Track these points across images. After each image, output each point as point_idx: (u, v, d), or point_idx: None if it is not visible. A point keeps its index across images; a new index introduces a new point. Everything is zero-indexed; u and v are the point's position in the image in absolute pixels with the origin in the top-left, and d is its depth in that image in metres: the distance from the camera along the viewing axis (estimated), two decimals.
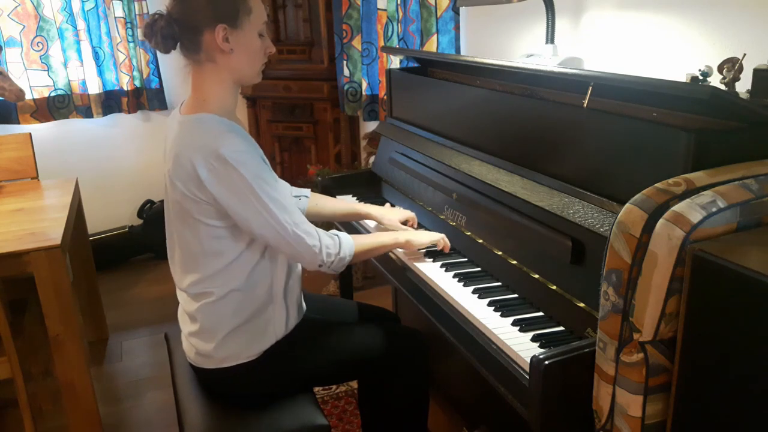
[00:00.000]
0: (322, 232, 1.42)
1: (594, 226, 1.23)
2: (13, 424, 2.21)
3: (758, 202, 0.97)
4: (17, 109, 3.32)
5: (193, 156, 1.30)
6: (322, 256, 1.40)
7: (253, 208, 1.32)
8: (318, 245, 1.39)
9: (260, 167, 1.34)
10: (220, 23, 1.32)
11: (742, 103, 1.12)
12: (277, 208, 1.34)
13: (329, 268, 1.43)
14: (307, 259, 1.41)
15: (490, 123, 1.66)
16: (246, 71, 1.40)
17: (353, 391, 2.33)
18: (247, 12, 1.35)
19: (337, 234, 1.46)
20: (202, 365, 1.49)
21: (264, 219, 1.33)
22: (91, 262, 2.79)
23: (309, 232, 1.38)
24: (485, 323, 1.30)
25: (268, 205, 1.32)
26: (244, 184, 1.30)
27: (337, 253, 1.43)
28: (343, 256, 1.44)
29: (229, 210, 1.33)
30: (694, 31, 1.63)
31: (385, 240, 1.59)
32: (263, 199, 1.32)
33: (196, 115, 1.37)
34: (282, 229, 1.35)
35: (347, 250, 1.45)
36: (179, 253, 1.46)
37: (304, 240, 1.37)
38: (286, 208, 1.36)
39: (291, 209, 1.37)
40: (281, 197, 1.36)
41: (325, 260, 1.41)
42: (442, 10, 2.63)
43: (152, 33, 1.34)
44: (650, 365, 0.98)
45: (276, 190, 1.36)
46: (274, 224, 1.34)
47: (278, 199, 1.35)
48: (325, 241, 1.41)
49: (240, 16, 1.34)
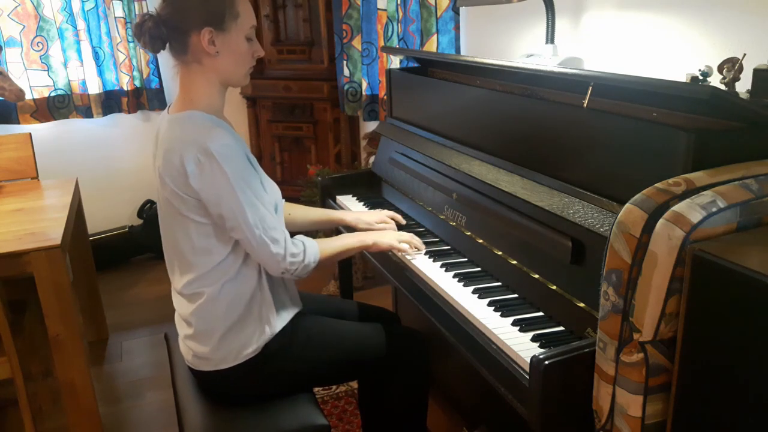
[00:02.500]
0: (289, 240, 1.42)
1: (594, 226, 1.23)
2: (13, 424, 2.21)
3: (758, 202, 0.97)
4: (17, 109, 3.32)
5: (182, 151, 1.32)
6: (285, 264, 1.40)
7: (228, 206, 1.33)
8: (282, 253, 1.39)
9: (244, 166, 1.35)
10: (206, 26, 1.34)
11: (742, 103, 1.12)
12: (250, 210, 1.34)
13: (292, 275, 1.43)
14: (270, 266, 1.41)
15: (490, 123, 1.66)
16: (232, 73, 1.42)
17: (353, 391, 2.33)
18: (234, 16, 1.37)
19: (303, 240, 1.46)
20: (200, 368, 1.49)
21: (236, 219, 1.34)
22: (91, 262, 2.79)
23: (276, 239, 1.38)
24: (485, 323, 1.30)
25: (242, 206, 1.33)
26: (224, 181, 1.31)
27: (301, 260, 1.42)
28: (307, 263, 1.44)
29: (208, 205, 1.35)
30: (694, 31, 1.63)
31: (350, 242, 1.58)
32: (240, 198, 1.33)
33: (184, 112, 1.39)
34: (249, 232, 1.35)
35: (312, 257, 1.45)
36: (172, 252, 1.46)
37: (269, 247, 1.37)
38: (259, 212, 1.36)
39: (263, 213, 1.37)
40: (258, 200, 1.37)
41: (289, 268, 1.41)
42: (442, 10, 2.63)
43: (141, 33, 1.36)
44: (650, 365, 0.98)
45: (255, 193, 1.36)
46: (244, 226, 1.35)
47: (254, 201, 1.35)
48: (290, 249, 1.40)
49: (226, 20, 1.36)
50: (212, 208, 1.35)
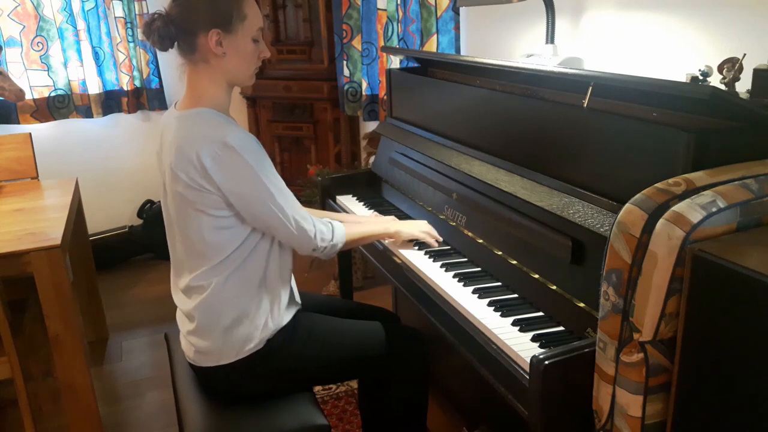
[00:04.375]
0: (317, 219, 1.49)
1: (594, 226, 1.23)
2: (13, 424, 2.21)
3: (758, 202, 0.97)
4: (17, 109, 3.32)
5: (198, 146, 1.33)
6: (317, 242, 1.47)
7: (257, 193, 1.37)
8: (314, 230, 1.46)
9: (264, 155, 1.40)
10: (213, 28, 1.36)
11: (742, 103, 1.12)
12: (279, 195, 1.40)
13: (322, 253, 1.50)
14: (303, 245, 1.47)
15: (490, 123, 1.66)
16: (238, 74, 1.44)
17: (353, 391, 2.33)
18: (242, 18, 1.39)
19: (330, 221, 1.53)
20: (201, 363, 1.49)
21: (267, 205, 1.38)
22: (91, 262, 2.79)
23: (306, 218, 1.45)
24: (485, 323, 1.30)
25: (270, 191, 1.38)
26: (249, 170, 1.35)
27: (330, 239, 1.50)
28: (335, 242, 1.51)
29: (232, 197, 1.37)
30: (694, 31, 1.63)
31: (374, 229, 1.68)
32: (267, 185, 1.37)
33: (194, 109, 1.40)
34: (284, 214, 1.40)
35: (339, 237, 1.52)
36: (180, 247, 1.46)
37: (301, 223, 1.43)
38: (286, 196, 1.42)
39: (291, 197, 1.44)
40: (282, 185, 1.42)
41: (319, 245, 1.48)
42: (442, 10, 2.63)
43: (150, 32, 1.38)
44: (650, 365, 0.98)
45: (277, 177, 1.42)
46: (277, 210, 1.39)
47: (281, 186, 1.41)
48: (319, 227, 1.48)
49: (234, 21, 1.38)
50: (235, 199, 1.37)
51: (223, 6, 1.37)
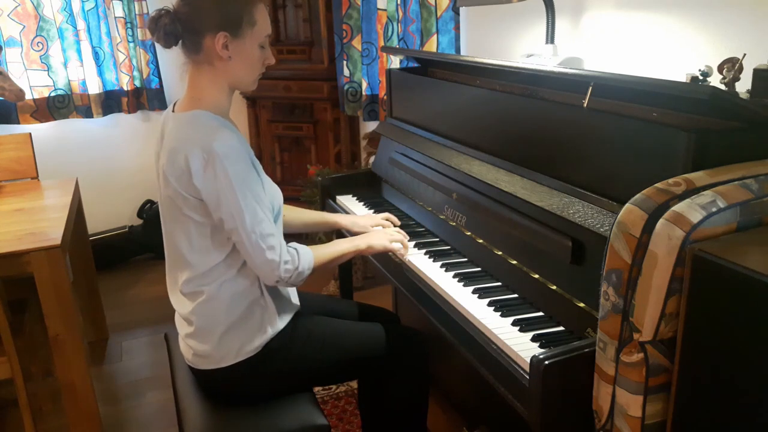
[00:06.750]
0: (284, 248, 1.40)
1: (594, 226, 1.23)
2: (13, 424, 2.21)
3: (758, 202, 0.97)
4: (17, 109, 3.32)
5: (187, 150, 1.32)
6: (279, 272, 1.38)
7: (228, 207, 1.33)
8: (277, 260, 1.37)
9: (247, 169, 1.35)
10: (221, 30, 1.34)
11: (742, 103, 1.12)
12: (249, 214, 1.33)
13: (287, 283, 1.41)
14: (264, 272, 1.39)
15: (490, 123, 1.66)
16: (241, 79, 1.42)
17: (353, 391, 2.32)
18: (251, 24, 1.37)
19: (296, 247, 1.44)
20: (200, 366, 1.49)
21: (234, 221, 1.33)
22: (91, 262, 2.79)
23: (272, 246, 1.36)
24: (485, 323, 1.30)
25: (241, 209, 1.32)
26: (227, 181, 1.31)
27: (295, 268, 1.40)
28: (301, 270, 1.42)
29: (208, 205, 1.35)
30: (694, 31, 1.63)
31: (344, 247, 1.58)
32: (239, 201, 1.32)
33: (191, 111, 1.39)
34: (246, 235, 1.34)
35: (306, 264, 1.43)
36: (172, 250, 1.46)
37: (264, 253, 1.35)
38: (257, 216, 1.34)
39: (261, 218, 1.35)
40: (258, 204, 1.35)
41: (282, 276, 1.38)
42: (442, 10, 2.63)
43: (156, 28, 1.36)
44: (650, 365, 0.98)
45: (256, 197, 1.35)
46: (241, 229, 1.33)
47: (254, 205, 1.34)
48: (284, 257, 1.38)
49: (243, 26, 1.36)
50: (212, 208, 1.35)
51: (233, 10, 1.35)
